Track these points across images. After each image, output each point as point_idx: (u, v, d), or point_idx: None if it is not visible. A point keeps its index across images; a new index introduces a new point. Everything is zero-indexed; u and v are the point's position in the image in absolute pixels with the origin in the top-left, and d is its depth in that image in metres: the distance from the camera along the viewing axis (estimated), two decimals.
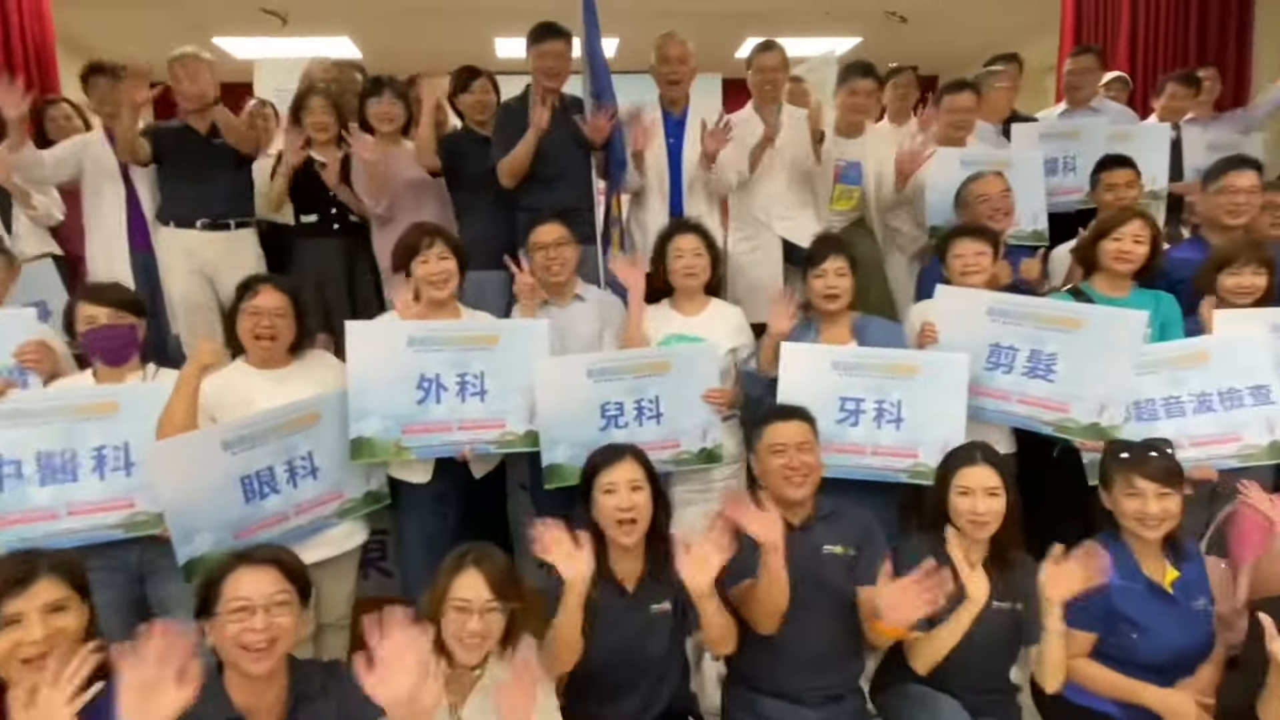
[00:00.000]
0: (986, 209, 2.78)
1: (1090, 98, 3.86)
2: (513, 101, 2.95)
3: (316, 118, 2.98)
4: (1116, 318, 2.24)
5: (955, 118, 3.20)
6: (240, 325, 2.14)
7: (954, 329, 2.37)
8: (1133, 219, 2.44)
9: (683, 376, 2.30)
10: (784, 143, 3.09)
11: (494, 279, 2.78)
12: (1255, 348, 2.24)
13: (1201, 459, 2.23)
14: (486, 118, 3.01)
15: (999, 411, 2.36)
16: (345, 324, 2.19)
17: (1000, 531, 1.85)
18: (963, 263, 2.48)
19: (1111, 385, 2.22)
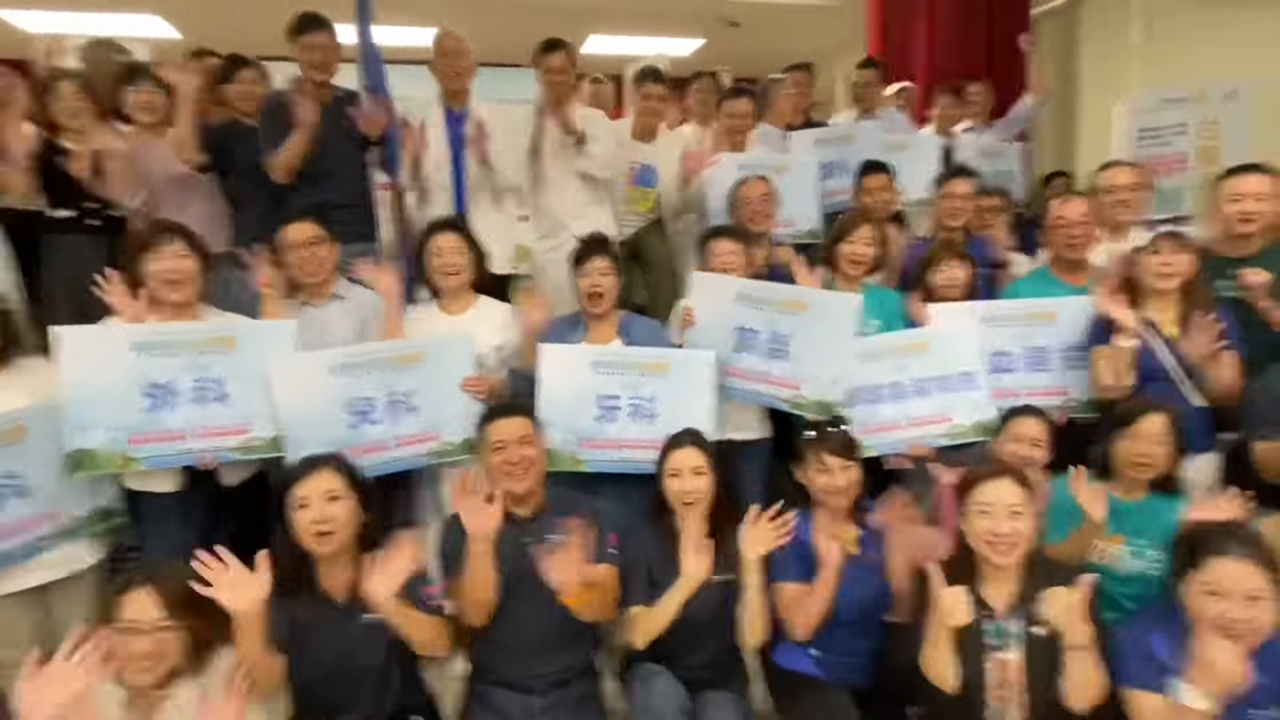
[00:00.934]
0: (748, 211, 2.95)
1: (875, 108, 4.17)
2: (277, 95, 2.85)
3: (66, 103, 2.77)
4: (833, 300, 2.46)
5: (732, 123, 3.36)
6: None
7: (708, 313, 2.54)
8: (863, 224, 2.66)
9: (437, 367, 2.31)
10: None
11: None
12: (966, 338, 2.50)
13: (918, 437, 2.46)
14: (253, 109, 2.89)
15: (746, 390, 2.52)
16: (51, 331, 2.05)
17: (715, 508, 1.99)
18: (720, 261, 2.63)
19: (832, 364, 2.42)
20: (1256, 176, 2.42)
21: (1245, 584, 1.52)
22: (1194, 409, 2.28)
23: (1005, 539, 1.72)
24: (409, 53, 3.45)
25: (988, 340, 2.53)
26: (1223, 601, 1.53)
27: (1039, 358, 2.54)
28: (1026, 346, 2.54)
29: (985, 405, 2.44)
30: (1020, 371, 2.54)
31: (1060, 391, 2.51)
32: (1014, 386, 2.52)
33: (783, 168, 3.29)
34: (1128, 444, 2.06)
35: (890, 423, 2.49)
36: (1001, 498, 1.74)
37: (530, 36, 3.13)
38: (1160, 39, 4.78)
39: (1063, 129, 5.57)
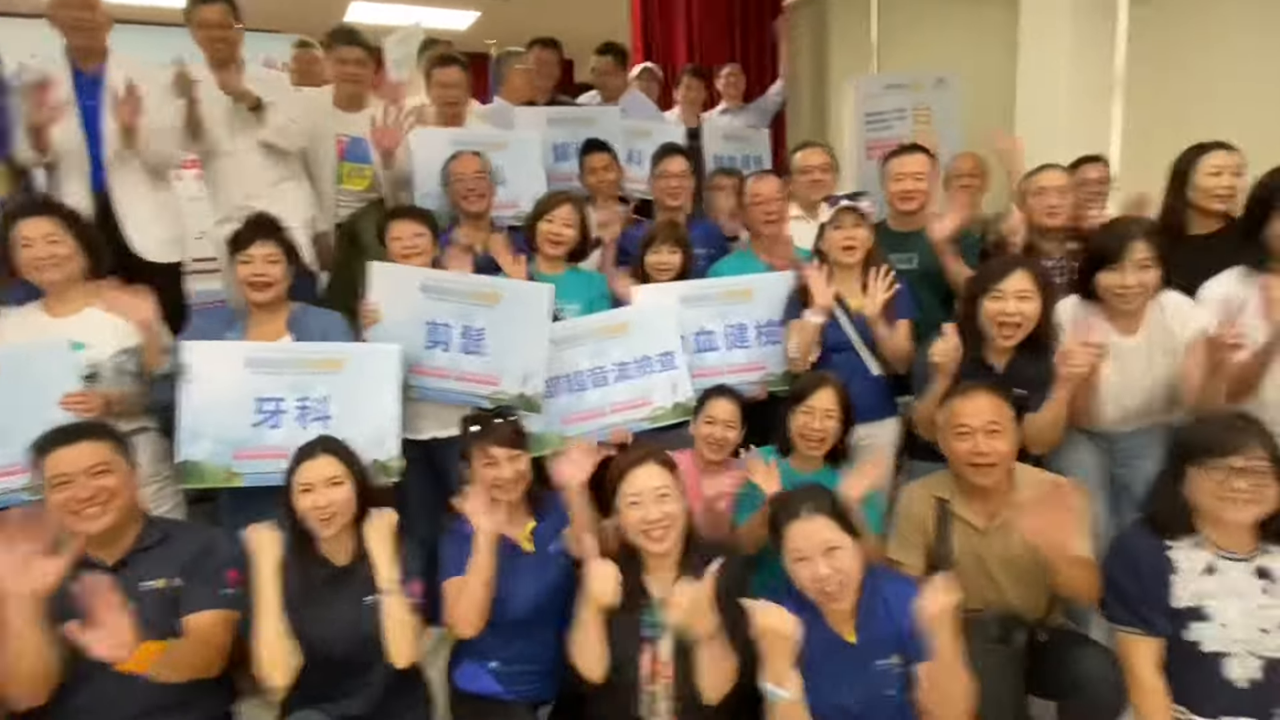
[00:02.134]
0: (461, 189, 2.72)
1: (617, 93, 4.08)
2: None
3: None
4: (526, 291, 2.31)
5: (444, 94, 3.11)
6: None
7: (395, 309, 2.30)
8: (563, 204, 2.52)
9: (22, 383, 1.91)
10: None
11: None
12: (664, 318, 2.44)
13: (620, 423, 2.38)
14: None
15: (442, 390, 2.31)
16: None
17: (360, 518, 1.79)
18: (401, 245, 2.39)
19: (529, 356, 2.28)
20: (914, 156, 2.55)
21: (818, 539, 1.52)
22: (874, 377, 2.37)
23: (658, 524, 1.64)
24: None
25: (691, 320, 2.50)
26: (807, 564, 1.53)
27: (738, 335, 2.53)
28: (727, 324, 2.53)
29: (684, 386, 2.40)
30: (721, 350, 2.52)
31: (759, 367, 2.52)
32: (717, 364, 2.51)
33: (501, 144, 3.09)
34: (801, 418, 2.07)
35: (594, 409, 2.39)
36: (648, 483, 1.66)
37: (289, 1, 2.70)
38: (896, 30, 5.12)
39: (816, 116, 5.86)
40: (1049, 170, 2.56)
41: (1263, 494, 1.45)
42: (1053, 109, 4.04)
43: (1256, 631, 1.46)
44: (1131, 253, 1.98)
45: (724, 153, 4.20)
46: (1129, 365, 2.05)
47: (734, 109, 4.65)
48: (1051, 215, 2.49)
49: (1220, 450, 1.46)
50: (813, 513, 1.54)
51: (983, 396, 1.80)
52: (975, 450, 1.76)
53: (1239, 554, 1.51)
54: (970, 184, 2.94)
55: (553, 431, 2.35)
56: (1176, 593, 1.52)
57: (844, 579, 1.51)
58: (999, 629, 1.79)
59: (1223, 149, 2.31)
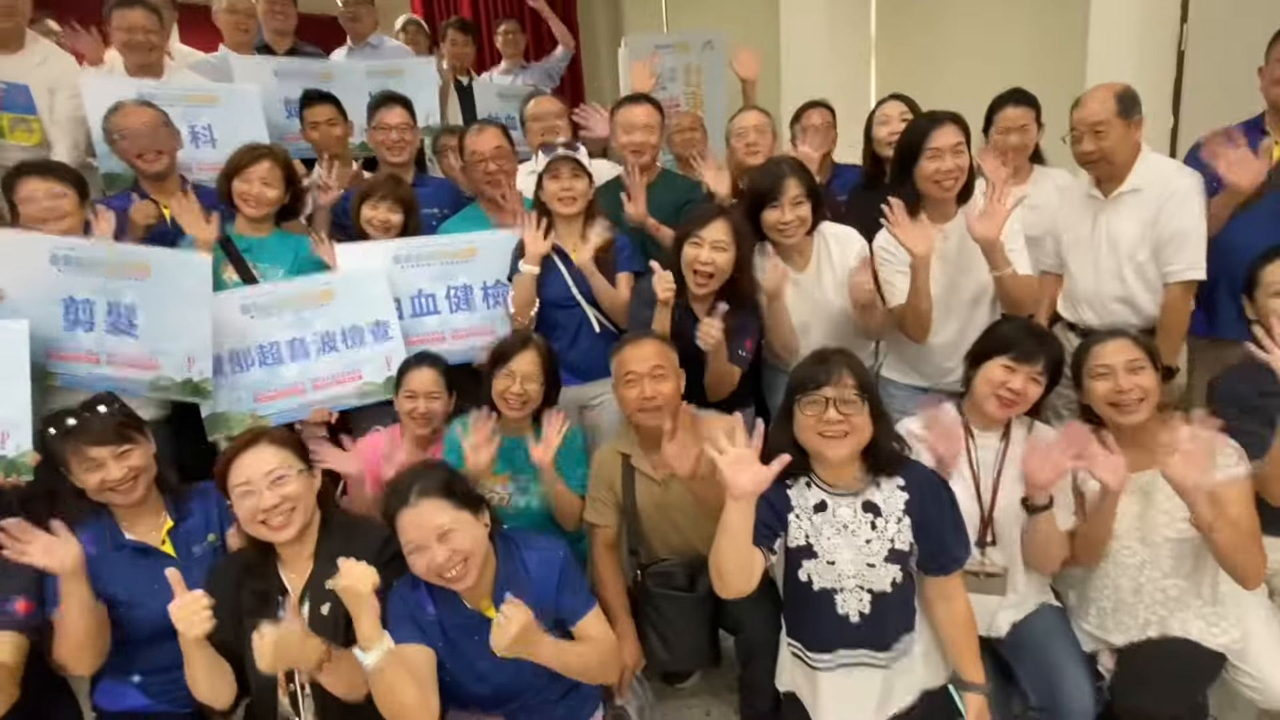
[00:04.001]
0: (130, 147, 2.34)
1: (368, 33, 3.76)
2: None
3: None
4: (182, 262, 2.04)
5: (130, 38, 2.69)
6: None
7: (20, 284, 1.96)
8: (261, 160, 2.25)
9: None
10: None
11: None
12: (377, 284, 2.25)
13: (323, 400, 2.18)
14: None
15: (92, 377, 2.01)
16: None
17: None
18: (36, 208, 2.04)
19: (191, 335, 2.02)
20: (641, 107, 2.50)
21: (430, 525, 1.39)
22: (599, 334, 2.31)
23: (276, 510, 1.47)
24: None
25: (408, 282, 2.33)
26: (422, 553, 1.40)
27: (463, 297, 2.40)
28: (450, 286, 2.38)
29: (398, 358, 2.22)
30: (444, 313, 2.38)
31: (487, 331, 2.40)
32: (437, 329, 2.37)
33: (211, 98, 2.74)
34: (502, 382, 1.97)
35: (292, 385, 2.18)
36: (259, 468, 1.48)
37: None
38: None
39: (614, 74, 5.79)
40: (747, 111, 2.63)
41: (854, 423, 1.42)
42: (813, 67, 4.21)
43: (864, 566, 1.45)
44: (786, 190, 2.03)
45: (499, 113, 4.00)
46: (805, 295, 2.12)
47: (515, 69, 4.46)
48: (751, 153, 2.53)
49: (812, 384, 1.44)
50: (420, 496, 1.41)
51: (648, 343, 1.79)
52: (642, 395, 1.74)
53: (846, 490, 1.49)
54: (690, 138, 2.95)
55: (243, 411, 2.13)
56: (792, 532, 1.49)
57: (464, 559, 1.41)
58: (685, 577, 1.80)
59: (894, 100, 2.46)
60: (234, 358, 2.11)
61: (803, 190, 2.06)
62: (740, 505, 1.32)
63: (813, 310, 2.14)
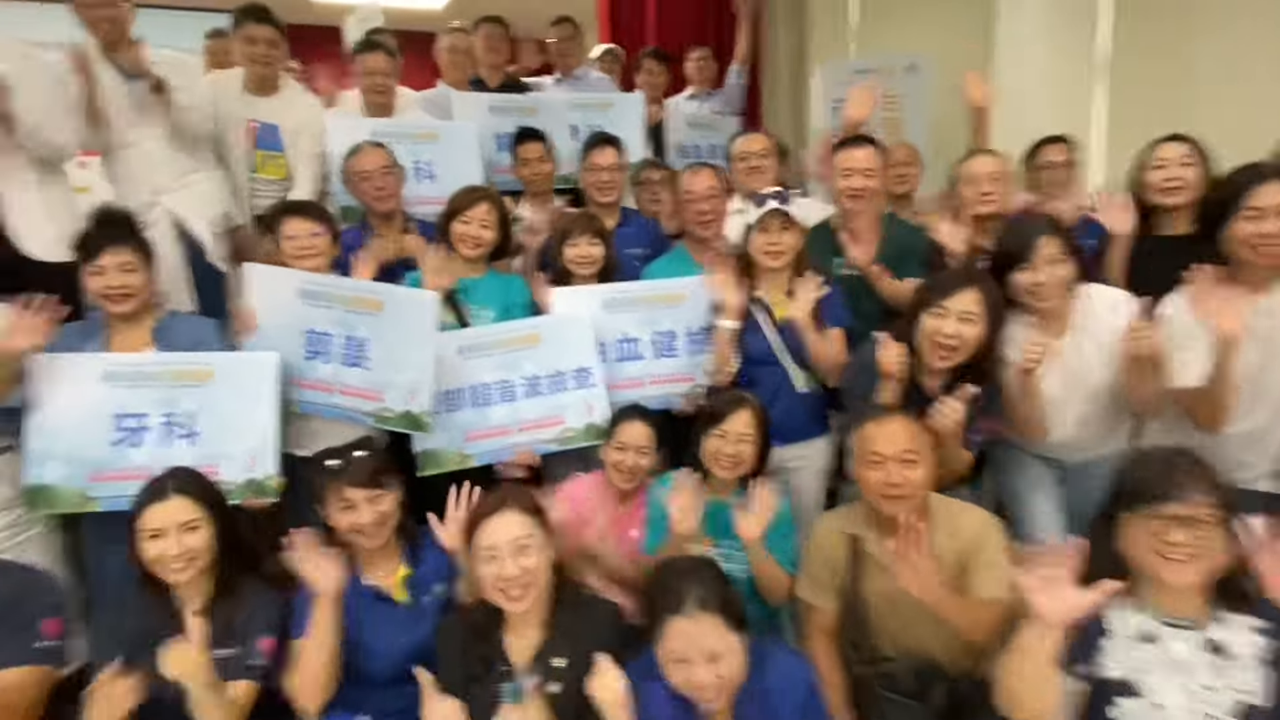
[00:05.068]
0: (367, 188, 2.52)
1: (576, 66, 3.86)
2: None
3: None
4: (411, 300, 2.11)
5: (370, 81, 2.90)
6: None
7: (272, 315, 2.12)
8: (480, 202, 2.32)
9: None
10: None
11: None
12: (581, 329, 2.24)
13: (527, 443, 2.19)
14: None
15: (325, 405, 2.14)
16: None
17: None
18: (295, 246, 2.20)
19: (415, 370, 2.09)
20: (862, 150, 2.34)
21: (702, 644, 1.30)
22: (802, 394, 2.17)
23: (515, 582, 1.46)
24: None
25: (614, 326, 2.30)
26: (686, 667, 1.32)
27: (666, 343, 2.34)
28: (655, 331, 2.33)
29: (600, 405, 2.21)
30: (646, 358, 2.33)
31: (687, 378, 2.33)
32: (638, 375, 2.32)
33: (431, 135, 2.89)
34: (714, 442, 1.89)
35: (500, 426, 2.21)
36: (505, 534, 1.47)
37: None
38: (875, 16, 4.87)
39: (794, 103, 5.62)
40: (979, 156, 2.38)
41: (1206, 549, 1.23)
42: (1030, 95, 3.83)
43: (1201, 717, 1.24)
44: (1040, 249, 1.81)
45: (689, 141, 3.99)
46: (1062, 366, 1.87)
47: (701, 95, 4.42)
48: (985, 202, 2.29)
49: (1156, 495, 1.24)
50: (700, 609, 1.32)
51: (897, 422, 1.62)
52: (888, 481, 1.58)
53: (1185, 621, 1.29)
54: (906, 174, 2.74)
55: (453, 449, 2.18)
56: (1106, 660, 1.31)
57: (725, 685, 1.32)
58: (915, 682, 1.61)
59: (1175, 141, 2.13)
60: (448, 397, 2.17)
61: (1060, 248, 1.83)
62: (1048, 631, 1.14)
63: (1069, 383, 1.88)
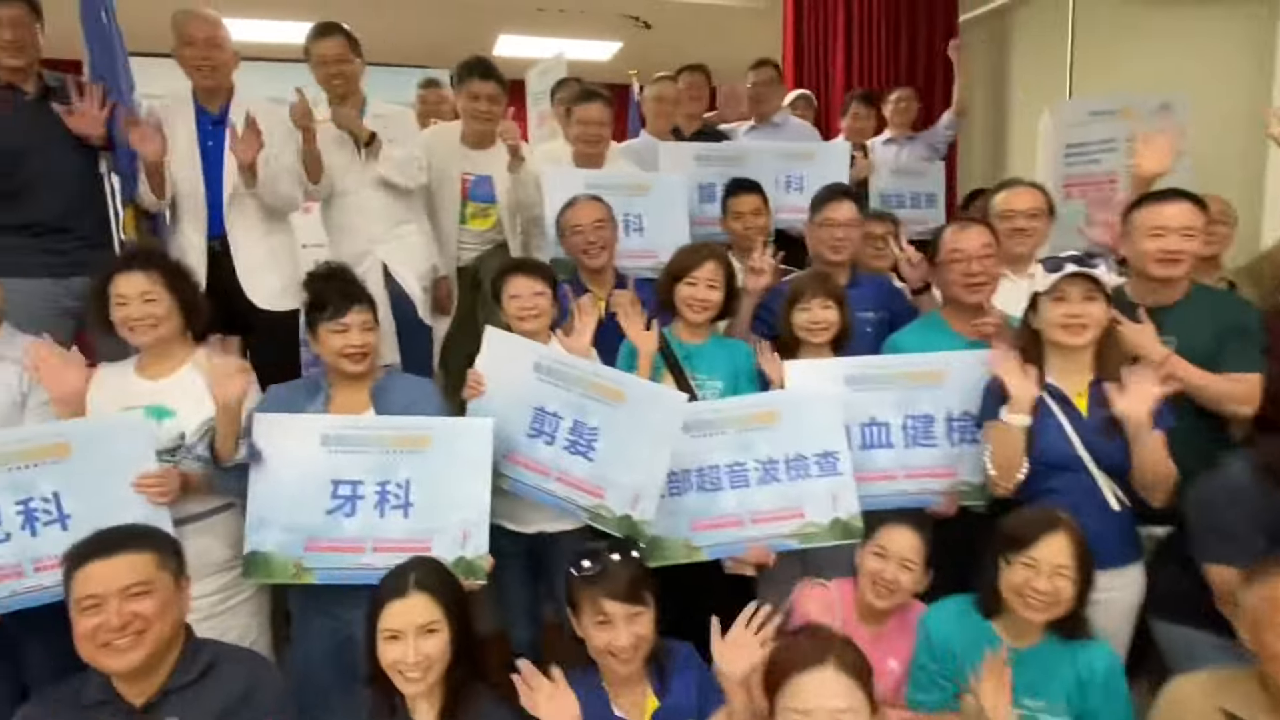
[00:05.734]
0: (579, 241, 2.37)
1: (773, 112, 3.64)
2: None
3: None
4: (657, 397, 1.87)
5: (584, 130, 2.78)
6: None
7: (503, 383, 1.97)
8: (706, 260, 2.09)
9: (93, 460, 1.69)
10: None
11: None
12: (828, 408, 1.94)
13: (761, 537, 1.90)
14: None
15: (537, 488, 1.94)
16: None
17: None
18: (518, 305, 2.05)
19: (646, 474, 1.84)
20: (1180, 206, 1.91)
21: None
22: (1113, 511, 1.74)
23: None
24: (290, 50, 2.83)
25: (859, 406, 1.98)
26: None
27: (922, 429, 1.99)
28: (908, 415, 1.99)
29: (848, 498, 1.89)
30: (898, 447, 1.99)
31: (947, 472, 1.97)
32: (891, 466, 1.98)
33: (644, 188, 2.73)
34: (1022, 572, 1.51)
35: (730, 516, 1.93)
36: (823, 699, 1.18)
37: (437, 35, 2.56)
38: (1095, 46, 4.37)
39: (992, 146, 5.14)
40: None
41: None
42: None
43: None
44: None
45: (890, 190, 3.68)
46: None
47: (900, 139, 4.08)
48: None
49: None
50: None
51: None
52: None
53: None
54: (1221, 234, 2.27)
55: (678, 538, 1.92)
56: None
57: None
58: None
59: None
60: (672, 479, 1.93)
61: None
62: None
63: None
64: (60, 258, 2.21)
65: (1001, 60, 5.14)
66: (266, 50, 4.42)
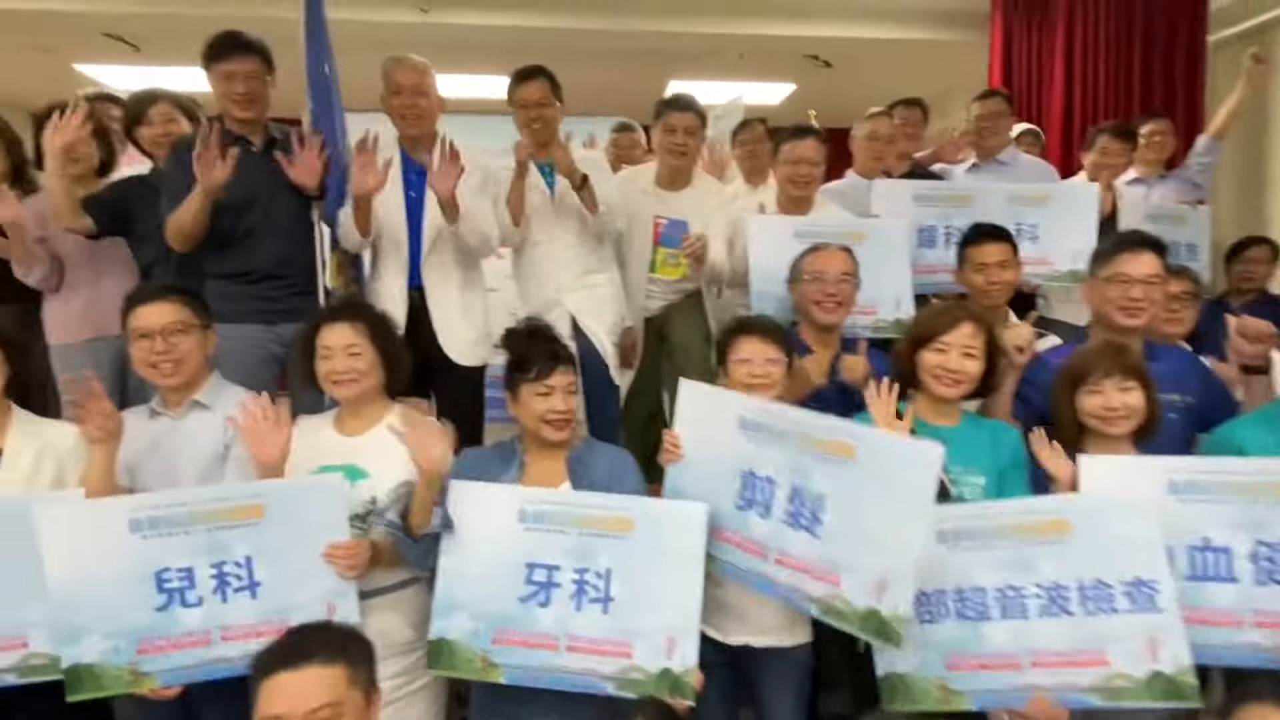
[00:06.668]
0: (817, 292, 2.06)
1: (1001, 147, 3.17)
2: (187, 140, 2.24)
3: None
4: (903, 451, 1.50)
5: (794, 171, 2.49)
6: None
7: (703, 445, 1.69)
8: (960, 323, 1.72)
9: (288, 524, 1.57)
10: (566, 190, 2.45)
11: None
12: (1140, 521, 1.48)
13: (1049, 687, 1.47)
14: None
15: (753, 573, 1.62)
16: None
17: None
18: (749, 371, 1.77)
19: (894, 554, 1.46)
20: None
21: None
22: None
23: None
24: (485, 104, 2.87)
25: (1187, 524, 1.52)
26: None
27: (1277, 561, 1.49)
28: (1258, 541, 1.50)
29: (1173, 645, 1.42)
30: (1244, 582, 1.50)
31: None
32: (1235, 606, 1.50)
33: (860, 235, 2.40)
34: None
35: (1002, 656, 1.51)
36: None
37: (607, 83, 2.49)
38: None
39: (1246, 187, 4.34)
40: None
41: None
42: None
43: None
44: None
45: None
46: None
47: (1149, 179, 3.48)
48: None
49: None
50: None
51: None
52: None
53: None
54: None
55: (929, 677, 1.54)
56: None
57: None
58: None
59: None
60: (923, 601, 1.54)
61: None
62: None
63: None
64: (271, 304, 2.21)
65: (1260, 86, 4.37)
66: (468, 105, 4.58)
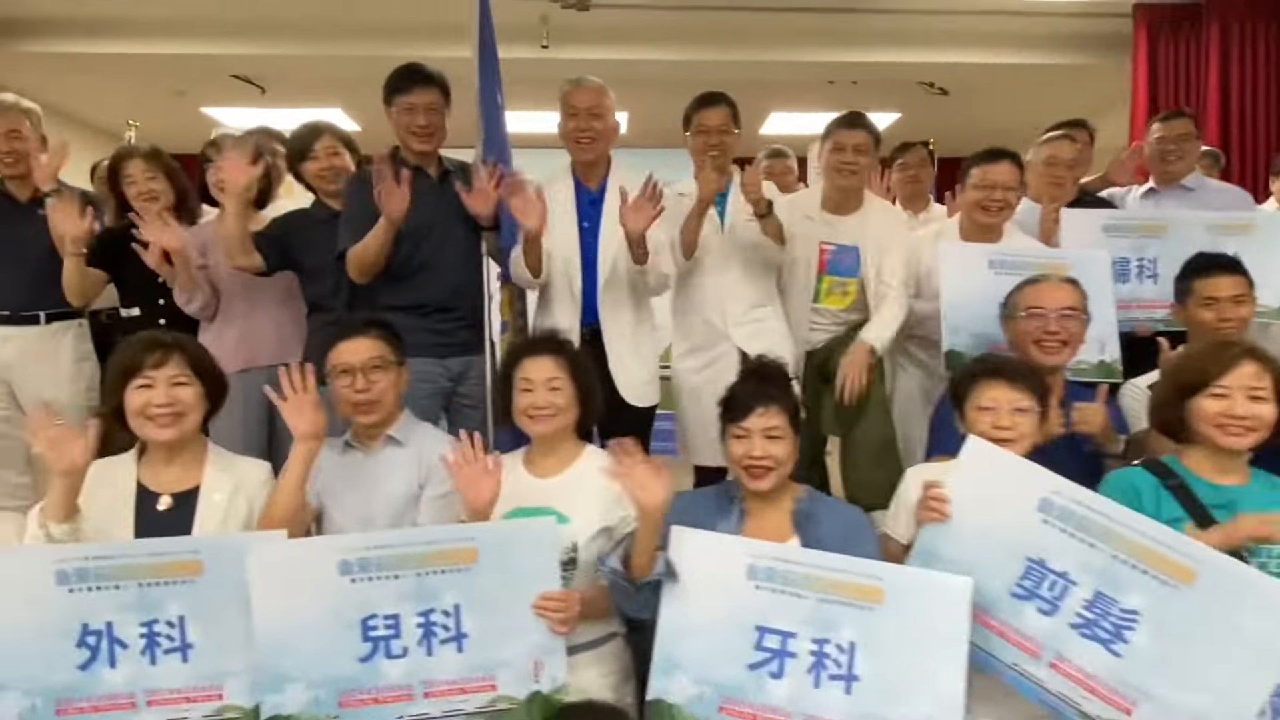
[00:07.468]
0: (1036, 329, 1.87)
1: (1187, 172, 2.91)
2: (362, 173, 2.23)
3: (140, 186, 2.37)
4: (1253, 586, 1.28)
5: (987, 196, 2.30)
6: None
7: (979, 513, 1.46)
8: (1242, 359, 1.50)
9: (497, 571, 1.45)
10: (738, 220, 2.33)
11: None
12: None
13: None
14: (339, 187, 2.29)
15: (1017, 670, 1.41)
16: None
17: None
18: (990, 420, 1.58)
19: (1230, 694, 1.25)
20: None
21: None
22: None
23: None
24: None
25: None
26: None
27: None
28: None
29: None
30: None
31: None
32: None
33: (1059, 267, 2.19)
34: None
35: None
36: None
37: None
38: None
39: None
40: None
41: None
42: None
43: None
44: None
45: None
46: None
47: None
48: None
49: None
50: None
51: None
52: None
53: None
54: None
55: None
56: None
57: None
58: None
59: None
60: None
61: None
62: None
63: None
64: (443, 337, 2.16)
65: None
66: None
